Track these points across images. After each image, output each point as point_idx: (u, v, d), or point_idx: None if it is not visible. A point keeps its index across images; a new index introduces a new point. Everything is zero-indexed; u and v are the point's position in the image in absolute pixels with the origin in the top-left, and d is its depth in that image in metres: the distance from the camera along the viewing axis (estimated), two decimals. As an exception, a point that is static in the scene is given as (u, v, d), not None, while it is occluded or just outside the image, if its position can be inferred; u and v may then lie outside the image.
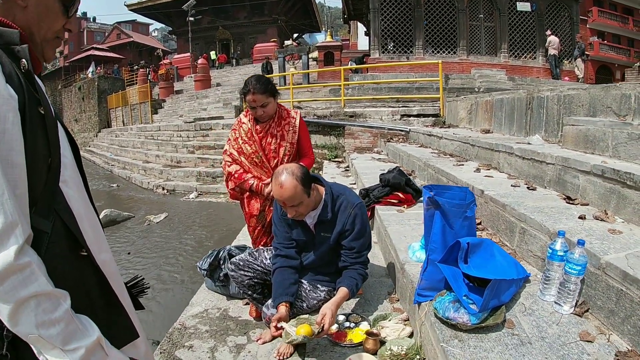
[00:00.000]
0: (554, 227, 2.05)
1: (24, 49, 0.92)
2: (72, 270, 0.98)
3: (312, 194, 2.25)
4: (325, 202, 2.36)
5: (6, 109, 0.85)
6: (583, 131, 3.07)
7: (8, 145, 0.84)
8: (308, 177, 2.23)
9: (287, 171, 2.17)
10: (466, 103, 7.32)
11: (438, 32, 16.81)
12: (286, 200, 2.16)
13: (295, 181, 2.14)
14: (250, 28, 36.14)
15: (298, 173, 2.17)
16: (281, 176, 2.16)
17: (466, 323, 1.63)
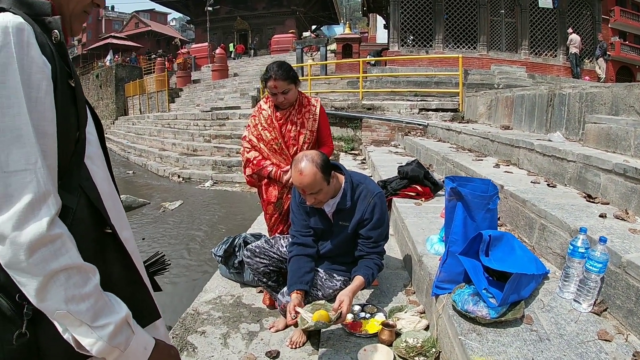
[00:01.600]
0: (575, 225, 2.02)
1: (56, 20, 0.90)
2: (95, 247, 0.96)
3: (331, 181, 2.23)
4: (344, 190, 2.34)
5: (40, 77, 0.83)
6: (605, 130, 3.03)
7: (40, 114, 0.83)
8: (328, 164, 2.21)
9: (307, 158, 2.15)
10: (486, 99, 7.24)
11: (458, 26, 16.64)
12: (305, 187, 2.14)
13: (315, 168, 2.12)
14: (268, 19, 36.08)
15: (318, 160, 2.15)
16: (301, 163, 2.14)
17: (485, 317, 1.62)
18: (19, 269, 0.78)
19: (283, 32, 31.92)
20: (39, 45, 0.85)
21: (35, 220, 0.78)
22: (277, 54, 27.59)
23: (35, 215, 0.78)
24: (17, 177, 0.77)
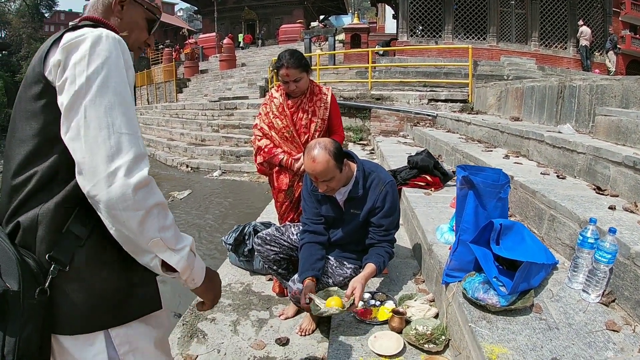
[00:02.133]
0: (584, 216, 2.03)
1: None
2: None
3: (344, 169, 2.24)
4: (356, 178, 2.35)
5: (131, 73, 1.12)
6: (615, 122, 3.01)
7: (131, 99, 1.08)
8: (341, 152, 2.22)
9: (320, 145, 2.16)
10: (495, 90, 7.21)
11: (468, 17, 16.48)
12: (318, 174, 2.16)
13: (328, 155, 2.13)
14: (276, 9, 35.88)
15: (331, 147, 2.16)
16: (314, 150, 2.15)
17: (495, 304, 1.63)
18: (125, 206, 0.97)
19: (291, 22, 31.79)
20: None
21: (138, 170, 0.99)
22: (285, 44, 27.50)
23: (138, 166, 1.00)
24: (127, 137, 1.00)
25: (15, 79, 42.50)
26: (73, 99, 0.98)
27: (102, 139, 0.97)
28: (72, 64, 1.01)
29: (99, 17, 1.22)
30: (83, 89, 0.99)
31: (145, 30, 1.37)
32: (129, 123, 1.03)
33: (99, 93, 1.00)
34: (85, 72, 1.00)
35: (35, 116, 1.06)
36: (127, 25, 1.29)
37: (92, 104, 0.99)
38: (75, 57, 1.01)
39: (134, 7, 1.31)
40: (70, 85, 0.99)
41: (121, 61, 1.07)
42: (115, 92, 1.03)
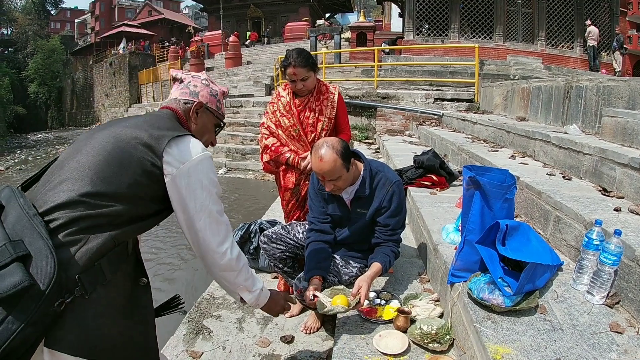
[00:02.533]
0: (590, 217, 2.03)
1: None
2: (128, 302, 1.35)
3: (351, 169, 2.24)
4: (363, 178, 2.35)
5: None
6: (622, 123, 3.01)
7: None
8: (348, 151, 2.22)
9: (327, 144, 2.16)
10: (502, 89, 7.19)
11: (474, 16, 16.40)
12: (325, 173, 2.16)
13: (335, 155, 2.13)
14: (282, 7, 35.84)
15: (338, 147, 2.16)
16: (321, 149, 2.15)
17: (500, 305, 1.64)
18: (231, 269, 1.52)
19: (297, 20, 31.73)
20: None
21: (235, 248, 1.53)
22: (290, 42, 27.47)
23: (235, 246, 1.54)
24: (226, 227, 1.51)
25: (21, 76, 42.71)
26: (193, 204, 1.39)
27: (217, 231, 1.45)
28: (188, 177, 1.37)
29: (186, 123, 1.56)
30: (200, 198, 1.39)
31: (213, 133, 1.70)
32: (224, 215, 1.50)
33: (210, 201, 1.42)
34: (200, 185, 1.39)
35: (134, 179, 1.29)
36: (200, 130, 1.61)
37: (207, 208, 1.42)
38: (191, 175, 1.38)
39: (206, 114, 1.62)
40: (190, 193, 1.38)
41: (215, 176, 1.47)
42: (217, 201, 1.47)
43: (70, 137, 26.98)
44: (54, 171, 1.32)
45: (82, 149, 1.33)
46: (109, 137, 1.33)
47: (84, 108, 38.77)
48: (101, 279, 1.21)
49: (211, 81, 1.67)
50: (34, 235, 1.09)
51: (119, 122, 1.43)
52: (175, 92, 1.61)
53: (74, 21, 67.07)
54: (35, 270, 1.06)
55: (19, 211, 1.15)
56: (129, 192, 1.27)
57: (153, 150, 1.32)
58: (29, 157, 19.07)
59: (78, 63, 44.93)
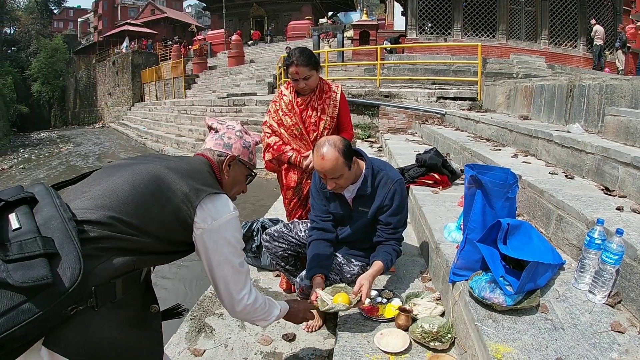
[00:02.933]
0: (592, 216, 2.02)
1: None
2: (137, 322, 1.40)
3: (352, 167, 2.25)
4: (365, 176, 2.36)
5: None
6: (624, 122, 2.99)
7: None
8: (350, 150, 2.23)
9: (329, 143, 2.17)
10: (505, 88, 7.18)
11: (477, 14, 16.36)
12: (327, 172, 2.17)
13: (337, 153, 2.14)
14: (284, 5, 35.81)
15: (340, 145, 2.17)
16: (323, 147, 2.16)
17: (501, 304, 1.64)
18: (247, 312, 1.65)
19: (299, 19, 31.73)
20: None
21: (253, 293, 1.66)
22: (293, 40, 27.44)
23: (251, 290, 1.65)
24: (244, 276, 1.61)
25: (25, 75, 42.84)
26: (217, 257, 1.49)
27: (237, 280, 1.57)
28: (216, 234, 1.46)
29: (219, 175, 1.63)
30: (224, 253, 1.49)
31: (244, 183, 1.77)
32: (246, 268, 1.61)
33: (233, 256, 1.52)
34: (226, 242, 1.49)
35: (166, 222, 1.36)
36: (232, 181, 1.68)
37: (230, 262, 1.52)
38: (219, 232, 1.46)
39: (238, 166, 1.69)
40: (216, 247, 1.47)
41: (240, 235, 1.55)
42: (240, 254, 1.57)
43: (74, 136, 27.07)
44: (89, 184, 1.37)
45: (122, 172, 1.38)
46: (153, 175, 1.39)
47: (87, 107, 38.90)
48: (112, 296, 1.26)
49: (245, 131, 1.74)
50: (66, 239, 1.12)
51: (163, 161, 1.49)
52: (209, 141, 1.69)
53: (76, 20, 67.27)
54: (60, 271, 1.09)
55: (54, 210, 1.18)
56: (158, 231, 1.34)
57: (190, 201, 1.39)
58: (32, 155, 19.13)
59: (81, 62, 45.03)
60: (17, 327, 1.02)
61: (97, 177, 1.40)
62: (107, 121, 33.55)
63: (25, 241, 1.08)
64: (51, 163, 16.25)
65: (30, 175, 13.52)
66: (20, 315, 1.03)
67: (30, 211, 1.17)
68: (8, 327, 1.01)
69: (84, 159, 16.83)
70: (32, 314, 1.04)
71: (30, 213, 1.16)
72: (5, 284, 1.03)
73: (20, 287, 1.03)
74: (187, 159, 1.61)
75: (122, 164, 1.47)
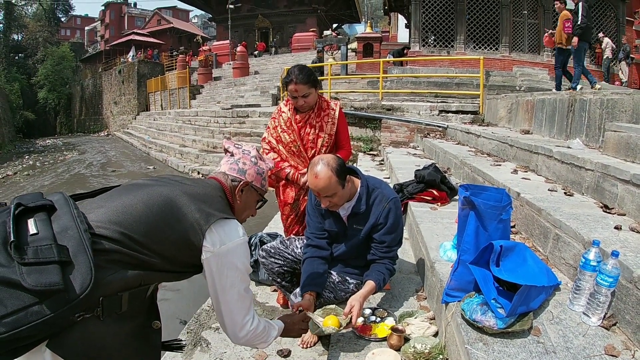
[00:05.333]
0: (589, 236, 2.01)
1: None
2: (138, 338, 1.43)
3: (346, 185, 2.26)
4: (360, 194, 2.37)
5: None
6: (625, 138, 2.99)
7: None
8: (343, 168, 2.25)
9: (322, 162, 2.20)
10: (506, 102, 7.19)
11: (480, 27, 16.45)
12: (320, 190, 2.19)
13: (330, 172, 2.16)
14: (289, 17, 36.12)
15: (333, 164, 2.19)
16: (317, 166, 2.19)
17: (492, 327, 1.63)
18: (248, 337, 1.61)
19: (304, 31, 31.92)
20: None
21: (255, 318, 1.63)
22: (297, 52, 27.63)
23: (254, 316, 1.63)
24: (249, 299, 1.59)
25: (31, 82, 43.20)
26: (224, 281, 1.49)
27: (241, 305, 1.55)
28: (224, 258, 1.46)
29: (231, 199, 1.64)
30: (231, 278, 1.49)
31: (254, 208, 1.79)
32: (250, 294, 1.60)
33: (239, 281, 1.52)
34: (234, 267, 1.49)
35: (175, 244, 1.38)
36: (243, 206, 1.70)
37: (236, 287, 1.51)
38: (227, 256, 1.47)
39: (250, 192, 1.70)
40: (223, 272, 1.48)
41: (248, 261, 1.56)
42: (246, 280, 1.57)
43: (79, 144, 27.24)
44: (107, 199, 1.41)
45: (138, 192, 1.42)
46: (167, 198, 1.42)
47: (92, 115, 39.19)
48: (117, 308, 1.28)
49: (260, 157, 1.75)
50: (80, 249, 1.16)
51: (178, 185, 1.52)
52: (224, 165, 1.69)
53: (84, 29, 68.01)
54: (72, 279, 1.13)
55: (70, 220, 1.22)
56: (167, 252, 1.37)
57: (200, 225, 1.41)
58: (37, 162, 19.21)
59: (87, 70, 45.46)
60: (25, 327, 1.06)
61: (115, 194, 1.43)
62: (112, 129, 33.79)
63: (41, 247, 1.13)
64: (56, 171, 16.32)
65: (34, 183, 13.57)
66: (30, 316, 1.07)
67: (48, 218, 1.22)
68: (17, 326, 1.06)
69: (89, 167, 16.90)
70: (41, 316, 1.08)
71: (48, 220, 1.21)
72: (18, 285, 1.07)
73: (32, 290, 1.07)
74: (201, 182, 1.63)
75: (140, 183, 1.51)
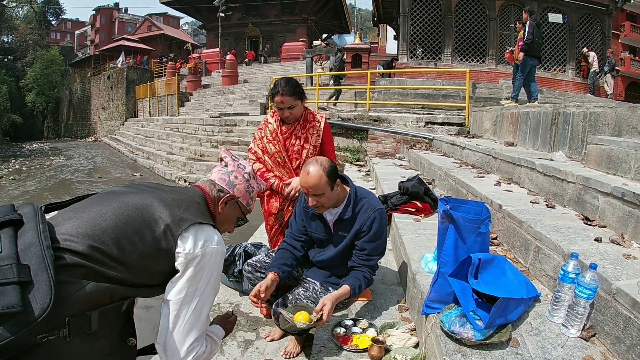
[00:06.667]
0: (569, 248, 2.03)
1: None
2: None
3: (335, 189, 2.35)
4: (347, 201, 2.44)
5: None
6: (606, 151, 3.03)
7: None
8: (335, 172, 2.34)
9: (316, 161, 2.32)
10: (492, 114, 7.26)
11: (467, 39, 16.62)
12: (310, 187, 2.28)
13: (322, 171, 2.26)
14: (279, 26, 36.28)
15: (326, 165, 2.30)
16: (310, 165, 2.31)
17: (471, 339, 1.64)
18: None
19: (294, 40, 32.11)
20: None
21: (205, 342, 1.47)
22: (287, 61, 27.76)
23: (203, 343, 1.45)
24: (204, 323, 1.44)
25: (20, 84, 42.78)
26: (190, 290, 1.38)
27: (192, 325, 1.39)
28: (196, 266, 1.38)
29: (213, 209, 1.57)
30: (199, 289, 1.39)
31: (233, 224, 1.71)
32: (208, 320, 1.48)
33: (204, 296, 1.41)
34: (205, 278, 1.40)
35: (146, 253, 1.32)
36: (224, 219, 1.63)
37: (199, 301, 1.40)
38: (199, 264, 1.38)
39: (234, 207, 1.65)
40: (191, 281, 1.38)
41: (220, 273, 1.49)
42: (210, 299, 1.46)
43: (65, 149, 26.97)
44: (78, 209, 1.37)
45: (111, 201, 1.38)
46: (138, 205, 1.38)
47: (80, 120, 38.87)
48: (86, 328, 1.23)
49: (253, 176, 1.70)
50: (41, 267, 1.12)
51: (154, 191, 1.47)
52: (215, 173, 1.65)
53: (74, 32, 67.54)
54: (31, 299, 1.09)
55: (35, 237, 1.18)
56: (137, 263, 1.31)
57: (172, 231, 1.36)
58: (23, 167, 18.98)
59: (76, 74, 45.12)
60: None
61: (87, 204, 1.40)
62: (99, 135, 33.53)
63: (2, 267, 1.09)
64: (42, 175, 16.12)
65: (19, 188, 13.39)
66: None
67: (14, 234, 1.18)
68: None
69: (75, 173, 16.72)
70: (1, 339, 1.04)
71: (14, 237, 1.18)
72: None
73: None
74: (180, 189, 1.58)
75: (115, 191, 1.47)
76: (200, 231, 1.41)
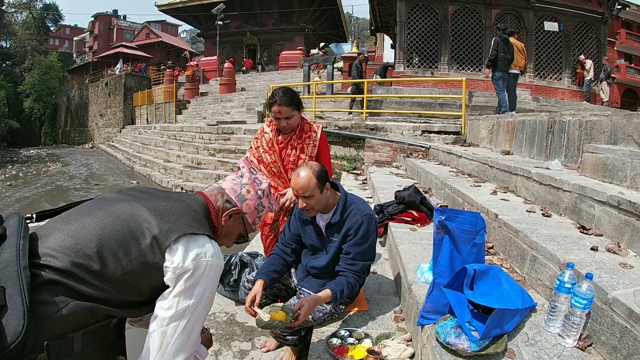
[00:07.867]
0: (565, 258, 2.03)
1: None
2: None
3: (325, 192, 2.40)
4: (337, 206, 2.50)
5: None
6: (602, 159, 3.03)
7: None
8: (325, 176, 2.41)
9: (307, 164, 2.42)
10: (488, 122, 7.28)
11: (464, 48, 16.72)
12: (299, 189, 2.34)
13: (311, 174, 2.33)
14: (277, 35, 36.47)
15: (316, 168, 2.38)
16: (301, 168, 2.40)
17: (466, 350, 1.64)
18: None
19: (291, 49, 32.23)
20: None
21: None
22: (285, 70, 27.84)
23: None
24: (192, 345, 1.29)
25: (17, 90, 42.80)
26: (180, 306, 1.25)
27: (180, 347, 1.25)
28: (188, 281, 1.26)
29: (215, 219, 1.47)
30: (191, 307, 1.26)
31: (232, 240, 1.59)
32: (198, 340, 1.35)
33: (195, 314, 1.27)
34: (197, 293, 1.27)
35: (130, 268, 1.22)
36: (225, 233, 1.52)
37: (190, 320, 1.27)
38: (185, 283, 1.26)
39: (238, 222, 1.53)
40: (181, 296, 1.25)
41: (215, 289, 1.38)
42: (202, 318, 1.33)
43: (63, 155, 26.94)
44: (64, 219, 1.29)
45: (98, 211, 1.29)
46: (126, 215, 1.28)
47: (77, 126, 38.88)
48: (68, 350, 1.14)
49: (267, 194, 1.58)
50: (16, 290, 1.05)
51: (144, 198, 1.37)
52: (227, 182, 1.55)
53: (72, 39, 67.63)
54: (4, 324, 1.03)
55: (13, 255, 1.11)
56: (122, 278, 1.21)
57: (159, 243, 1.25)
58: (19, 172, 18.91)
59: (74, 81, 45.15)
60: None
61: (75, 213, 1.31)
62: (97, 142, 33.52)
63: None
64: (38, 182, 16.06)
65: (16, 194, 13.34)
66: None
67: None
68: None
69: (71, 179, 16.69)
70: None
71: None
72: None
73: None
74: (177, 195, 1.47)
75: (106, 198, 1.37)
76: (192, 242, 1.29)
